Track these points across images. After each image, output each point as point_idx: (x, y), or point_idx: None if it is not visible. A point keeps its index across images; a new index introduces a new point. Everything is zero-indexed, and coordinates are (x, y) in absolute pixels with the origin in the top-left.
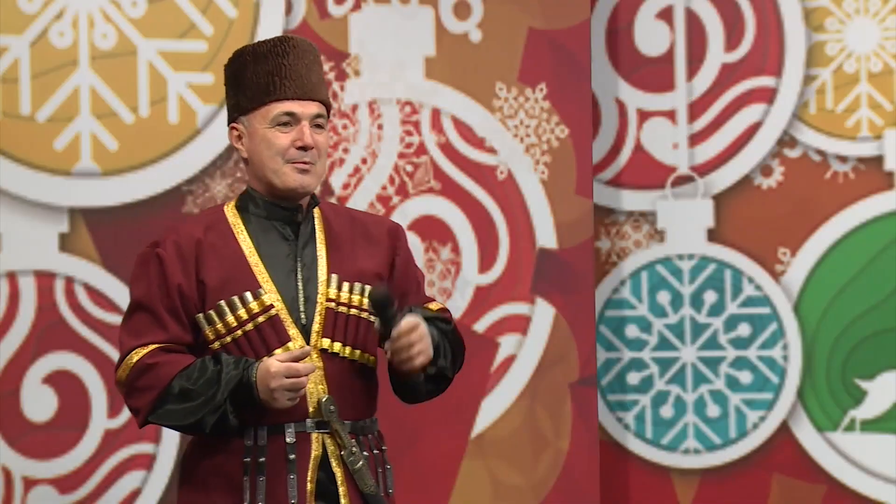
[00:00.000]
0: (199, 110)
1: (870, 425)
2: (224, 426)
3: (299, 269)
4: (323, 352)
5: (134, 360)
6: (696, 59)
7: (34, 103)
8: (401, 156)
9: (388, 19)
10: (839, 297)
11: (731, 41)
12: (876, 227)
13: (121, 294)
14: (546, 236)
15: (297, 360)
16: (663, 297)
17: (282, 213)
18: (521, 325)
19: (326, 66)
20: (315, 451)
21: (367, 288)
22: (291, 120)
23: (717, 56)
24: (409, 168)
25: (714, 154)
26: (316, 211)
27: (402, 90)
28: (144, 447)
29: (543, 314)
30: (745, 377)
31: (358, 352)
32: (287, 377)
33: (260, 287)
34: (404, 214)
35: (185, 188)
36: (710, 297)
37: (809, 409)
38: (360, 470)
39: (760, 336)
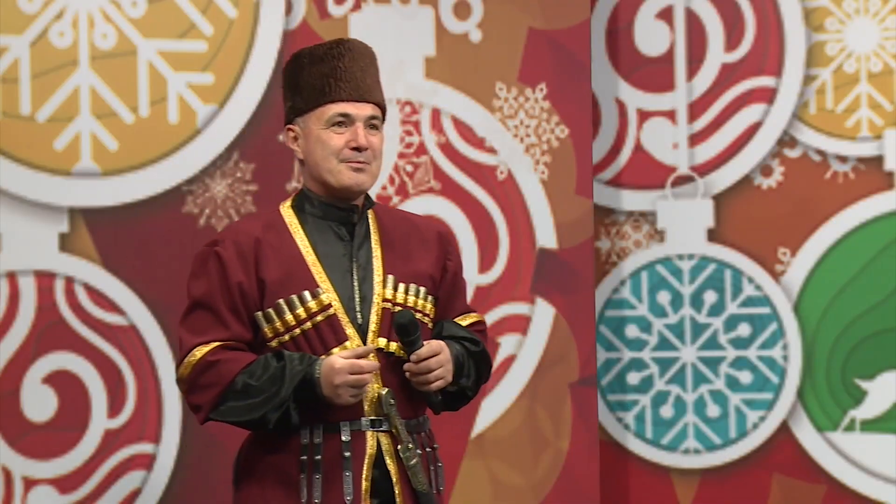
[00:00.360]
0: (199, 110)
1: (870, 425)
2: (286, 422)
3: (355, 269)
4: (379, 351)
5: (196, 358)
6: (696, 59)
7: (34, 103)
8: (401, 156)
9: (388, 19)
10: (839, 297)
11: (731, 41)
12: (876, 227)
13: (121, 294)
14: (546, 236)
15: (360, 357)
16: (663, 297)
17: (337, 213)
18: (521, 325)
19: None
20: (370, 448)
21: (422, 289)
22: (346, 121)
23: (717, 56)
24: (409, 168)
25: (714, 154)
26: (370, 212)
27: (402, 90)
28: (144, 447)
29: (543, 314)
30: (745, 377)
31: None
32: (351, 374)
33: (318, 286)
34: None
35: (185, 188)
36: (710, 297)
37: (809, 409)
38: (414, 466)
39: (760, 336)
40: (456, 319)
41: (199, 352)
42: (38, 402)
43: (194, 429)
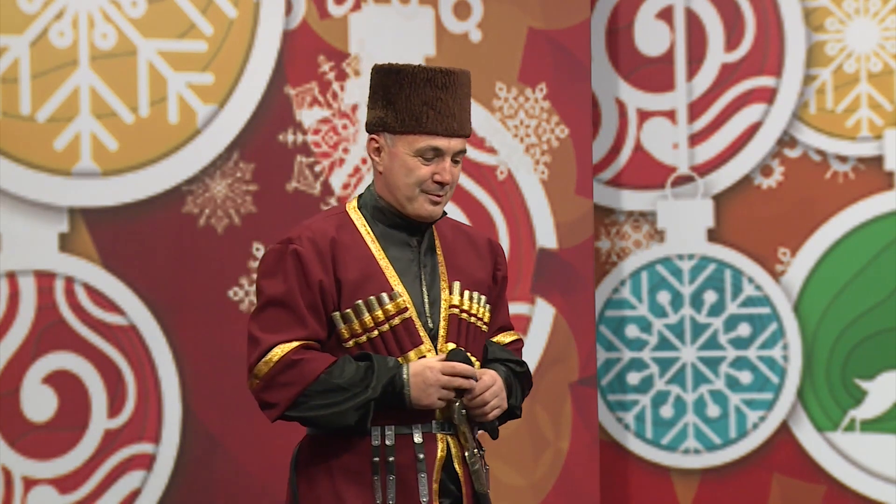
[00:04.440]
0: (198, 110)
1: (870, 425)
2: (362, 424)
3: (423, 275)
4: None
5: (278, 356)
6: (696, 59)
7: (34, 103)
8: None
9: (388, 19)
10: (839, 297)
11: (731, 41)
12: (876, 227)
13: (121, 294)
14: (546, 236)
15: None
16: (663, 297)
17: (407, 222)
18: (521, 325)
19: (326, 67)
20: (440, 451)
21: (483, 297)
22: (435, 154)
23: (717, 56)
24: None
25: (714, 154)
26: None
27: None
28: (144, 447)
29: (543, 314)
30: (745, 377)
31: (474, 357)
32: (445, 374)
33: (392, 289)
34: None
35: (185, 188)
36: (710, 297)
37: (809, 409)
38: (478, 470)
39: (760, 336)
40: (496, 338)
41: (281, 350)
42: (38, 402)
43: (194, 429)
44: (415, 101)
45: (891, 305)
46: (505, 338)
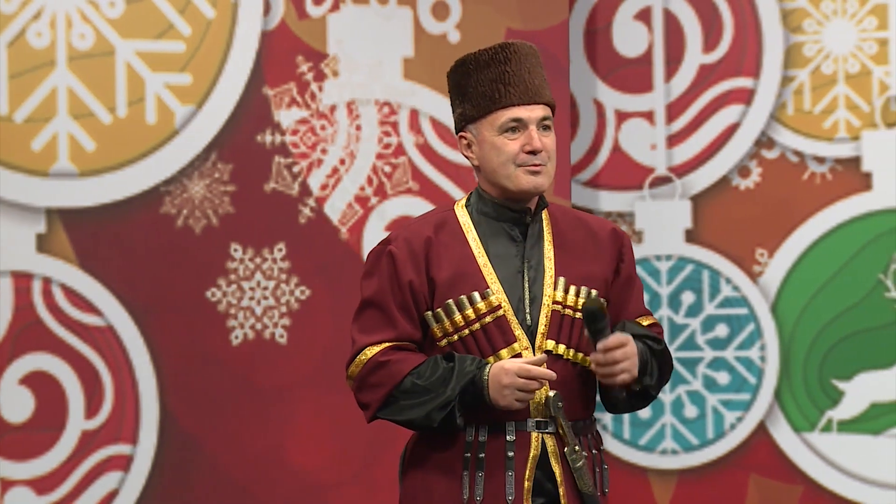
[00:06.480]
0: (176, 111)
1: (847, 426)
2: (451, 423)
3: (526, 270)
4: (547, 353)
5: (367, 357)
6: (674, 59)
7: (11, 103)
8: (379, 156)
9: (366, 20)
10: (816, 298)
11: (709, 42)
12: (853, 228)
13: (98, 295)
14: None
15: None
16: None
17: (511, 214)
18: None
19: (304, 67)
20: (534, 450)
21: (594, 292)
22: (519, 125)
23: (695, 57)
24: (388, 169)
25: (692, 155)
26: (544, 213)
27: (381, 91)
28: (122, 448)
29: None
30: (723, 378)
31: (580, 354)
32: (520, 377)
33: (487, 287)
34: (382, 215)
35: (163, 189)
36: (687, 297)
37: (787, 410)
38: (581, 468)
39: (738, 337)
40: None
41: (370, 351)
42: (15, 403)
43: (171, 430)
44: (484, 82)
45: (868, 306)
46: (643, 321)
